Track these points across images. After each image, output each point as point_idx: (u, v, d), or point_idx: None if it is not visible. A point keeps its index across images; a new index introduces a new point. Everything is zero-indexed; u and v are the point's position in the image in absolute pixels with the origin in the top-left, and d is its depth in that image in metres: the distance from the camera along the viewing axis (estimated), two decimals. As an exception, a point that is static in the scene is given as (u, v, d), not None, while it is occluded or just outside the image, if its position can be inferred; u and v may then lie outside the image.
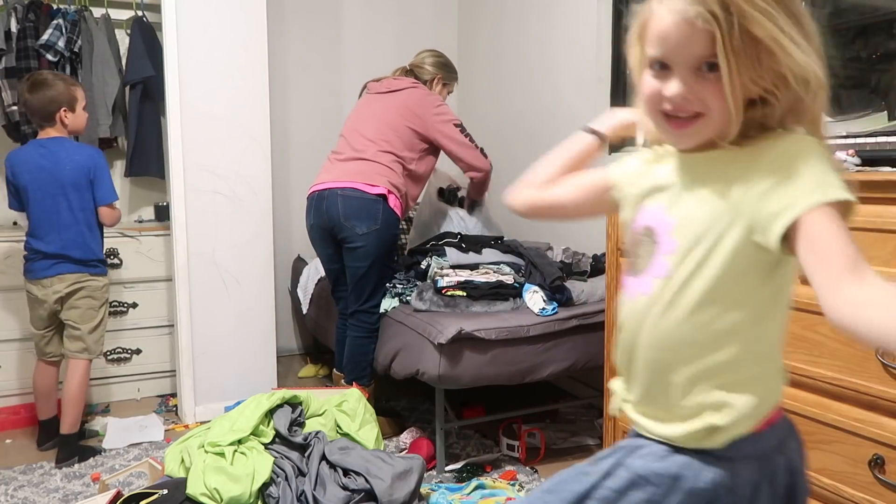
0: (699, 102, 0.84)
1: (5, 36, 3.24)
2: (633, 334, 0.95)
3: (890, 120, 1.67)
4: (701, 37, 0.80)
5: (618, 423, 1.99)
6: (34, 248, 2.72)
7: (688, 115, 0.85)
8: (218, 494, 1.89)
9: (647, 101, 0.88)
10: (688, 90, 0.83)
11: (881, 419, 1.32)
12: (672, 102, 0.85)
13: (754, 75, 0.82)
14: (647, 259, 0.92)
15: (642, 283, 0.93)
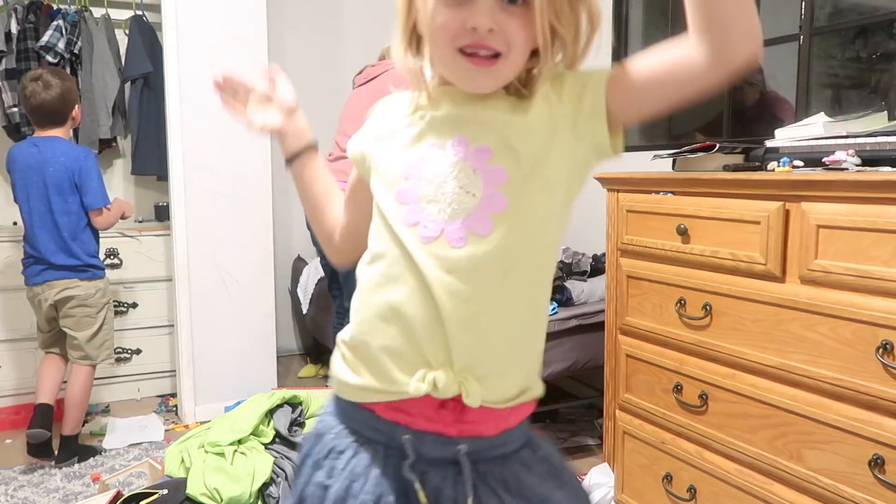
0: (503, 39, 0.75)
1: (5, 37, 3.24)
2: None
3: (890, 120, 1.67)
4: None
5: (617, 423, 2.00)
6: (26, 252, 2.68)
7: (489, 54, 0.76)
8: (218, 494, 1.89)
9: (442, 35, 0.76)
10: (494, 21, 0.74)
11: (881, 419, 1.32)
12: (476, 35, 0.74)
13: (560, 13, 0.74)
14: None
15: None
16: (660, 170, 2.00)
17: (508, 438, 0.84)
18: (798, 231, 1.45)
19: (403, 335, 0.79)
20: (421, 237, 0.79)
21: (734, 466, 1.63)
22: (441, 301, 0.77)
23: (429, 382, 0.78)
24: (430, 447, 0.81)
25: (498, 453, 0.83)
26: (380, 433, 0.83)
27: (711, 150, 1.86)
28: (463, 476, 0.79)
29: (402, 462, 0.80)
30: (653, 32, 2.96)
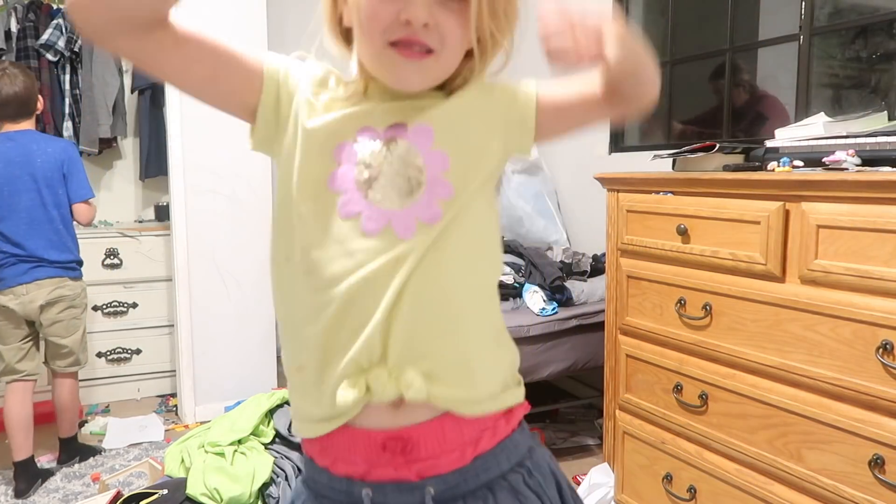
0: (437, 36, 0.70)
1: (5, 36, 3.24)
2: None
3: (890, 120, 1.67)
4: None
5: (617, 423, 2.00)
6: (7, 252, 2.43)
7: (421, 50, 0.70)
8: (218, 494, 1.89)
9: (372, 26, 0.70)
10: (430, 16, 0.69)
11: (881, 419, 1.32)
12: (410, 29, 0.69)
13: (496, 16, 0.72)
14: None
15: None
16: (660, 170, 2.00)
17: (487, 464, 0.74)
18: (798, 231, 1.45)
19: (334, 339, 0.71)
20: (364, 229, 0.71)
21: (734, 466, 1.63)
22: (386, 297, 0.69)
23: (361, 387, 0.70)
24: (393, 497, 0.72)
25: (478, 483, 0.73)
26: (339, 492, 0.74)
27: (711, 150, 1.86)
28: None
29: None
30: (653, 32, 2.96)
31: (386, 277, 0.70)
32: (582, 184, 3.07)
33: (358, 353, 0.70)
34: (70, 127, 3.36)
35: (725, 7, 2.52)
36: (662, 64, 2.88)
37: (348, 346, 0.71)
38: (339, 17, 0.75)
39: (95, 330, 3.29)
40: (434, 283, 0.72)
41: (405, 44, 0.70)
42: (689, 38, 2.79)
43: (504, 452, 0.75)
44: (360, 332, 0.70)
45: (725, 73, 2.57)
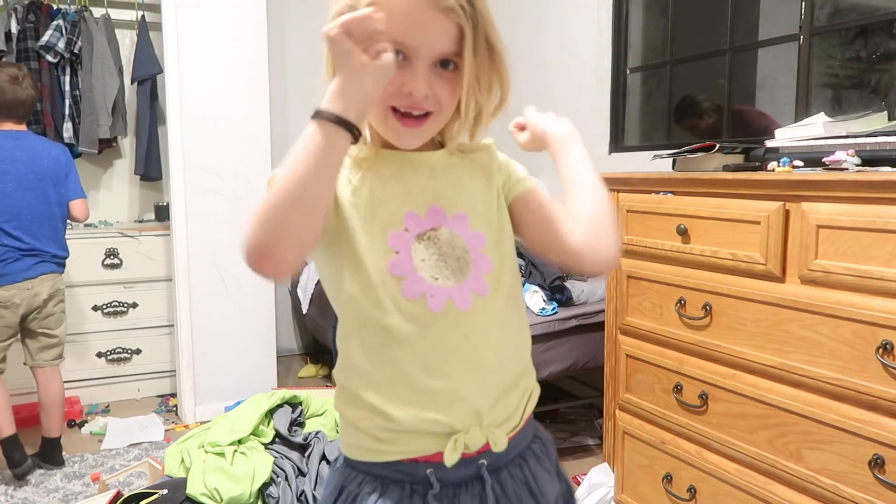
0: (435, 101, 0.79)
1: (5, 37, 3.24)
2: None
3: (890, 120, 1.67)
4: (449, 30, 0.76)
5: (617, 423, 2.00)
6: (10, 246, 2.50)
7: (419, 113, 0.80)
8: (218, 494, 1.89)
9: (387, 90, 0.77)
10: (429, 87, 0.78)
11: (881, 419, 1.32)
12: (411, 99, 0.78)
13: (483, 79, 0.80)
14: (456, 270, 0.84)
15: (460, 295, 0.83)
16: (660, 170, 2.00)
17: (520, 438, 0.89)
18: (798, 231, 1.45)
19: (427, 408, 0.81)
20: (431, 307, 0.81)
21: (734, 466, 1.63)
22: (459, 365, 0.81)
23: (459, 448, 0.82)
24: (452, 472, 0.83)
25: (514, 454, 0.88)
26: (403, 474, 0.84)
27: (711, 150, 1.86)
28: (486, 492, 0.83)
29: (429, 492, 0.83)
30: (653, 32, 2.96)
31: (457, 347, 0.81)
32: (582, 184, 3.06)
33: (453, 417, 0.82)
34: (70, 128, 3.36)
35: (725, 7, 2.52)
36: (662, 64, 2.88)
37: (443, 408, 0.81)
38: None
39: (95, 330, 3.29)
40: (495, 343, 0.84)
41: (407, 109, 0.79)
42: (689, 38, 2.79)
43: (528, 428, 0.92)
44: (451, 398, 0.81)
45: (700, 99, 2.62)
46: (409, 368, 0.81)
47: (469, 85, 0.79)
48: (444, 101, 0.80)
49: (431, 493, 0.82)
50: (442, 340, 0.81)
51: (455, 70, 0.79)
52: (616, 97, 3.04)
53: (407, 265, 0.81)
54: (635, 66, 3.01)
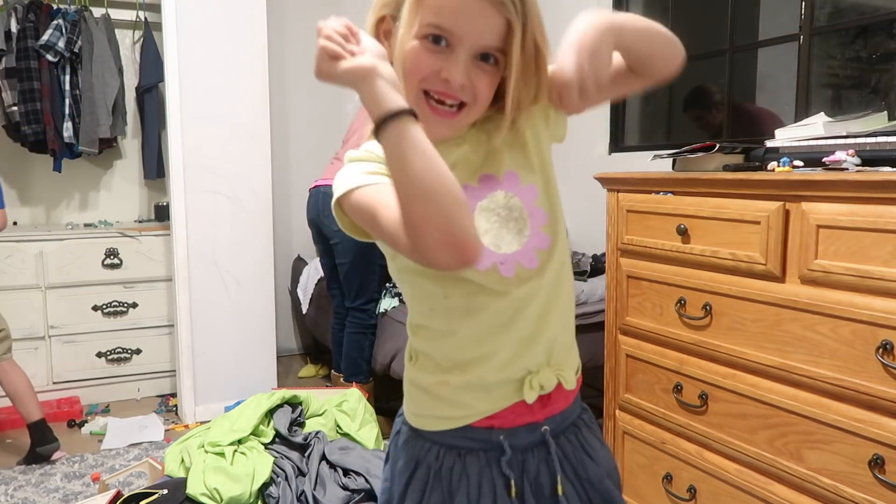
0: (471, 93, 0.79)
1: (5, 36, 3.24)
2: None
3: (890, 120, 1.67)
4: (496, 24, 0.76)
5: (617, 423, 2.00)
6: None
7: (453, 104, 0.79)
8: (218, 494, 1.89)
9: (413, 73, 0.79)
10: (467, 77, 0.78)
11: (881, 419, 1.32)
12: (447, 86, 0.78)
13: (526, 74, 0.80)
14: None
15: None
16: (660, 170, 2.00)
17: (574, 407, 0.96)
18: (798, 231, 1.45)
19: (506, 356, 0.87)
20: (502, 274, 0.84)
21: (734, 466, 1.63)
22: (530, 314, 0.86)
23: (536, 387, 0.87)
24: (521, 437, 0.89)
25: (570, 422, 0.94)
26: (477, 441, 0.89)
27: (711, 150, 1.86)
28: (551, 455, 0.90)
29: (501, 458, 0.88)
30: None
31: (532, 304, 0.86)
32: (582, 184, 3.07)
33: (529, 361, 0.88)
34: (70, 127, 3.35)
35: (725, 7, 2.52)
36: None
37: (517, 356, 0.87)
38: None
39: (95, 330, 3.29)
40: (558, 296, 0.89)
41: (439, 98, 0.79)
42: (689, 38, 2.79)
43: (577, 399, 0.97)
44: (527, 346, 0.87)
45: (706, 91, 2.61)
46: (487, 329, 0.86)
47: (515, 82, 0.79)
48: (480, 93, 0.80)
49: (504, 459, 0.87)
50: (520, 301, 0.85)
51: (495, 65, 0.79)
52: (616, 97, 3.03)
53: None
54: (635, 66, 3.00)
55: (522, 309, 0.86)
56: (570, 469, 0.92)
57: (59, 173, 3.50)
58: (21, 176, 3.59)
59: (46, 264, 3.17)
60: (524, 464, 0.89)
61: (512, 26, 0.76)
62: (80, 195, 3.72)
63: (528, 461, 0.90)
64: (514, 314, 0.86)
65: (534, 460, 0.90)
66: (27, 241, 3.14)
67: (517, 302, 0.86)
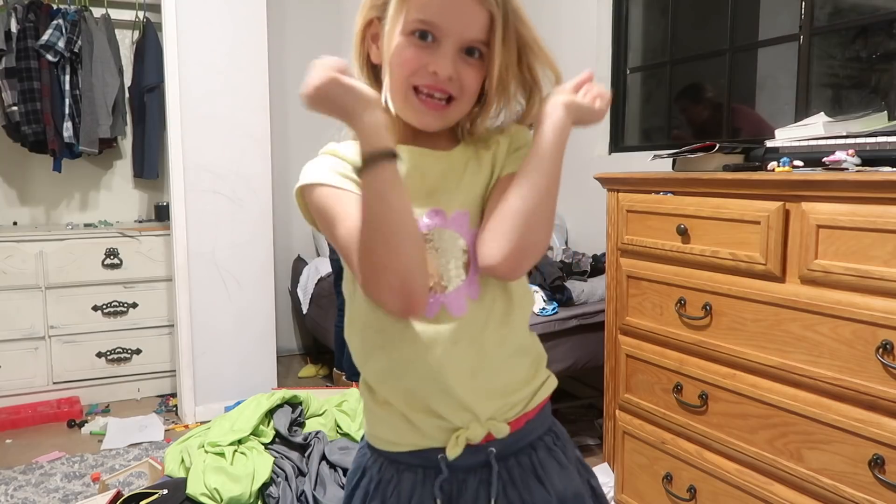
0: (458, 86, 0.81)
1: (5, 36, 3.24)
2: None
3: (890, 120, 1.67)
4: (480, 18, 0.79)
5: (617, 423, 2.00)
6: None
7: (442, 97, 0.81)
8: (218, 494, 1.89)
9: (401, 69, 0.80)
10: (455, 70, 0.80)
11: (881, 419, 1.32)
12: (436, 80, 0.79)
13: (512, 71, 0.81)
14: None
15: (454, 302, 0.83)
16: (660, 170, 2.00)
17: (531, 427, 0.90)
18: (798, 231, 1.45)
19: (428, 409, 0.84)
20: (425, 314, 0.81)
21: (734, 466, 1.63)
22: (451, 369, 0.81)
23: (461, 444, 0.84)
24: (464, 458, 0.86)
25: (526, 443, 0.89)
26: (417, 458, 0.87)
27: (711, 150, 1.86)
28: (492, 477, 0.86)
29: (437, 477, 0.86)
30: (653, 32, 2.96)
31: (447, 353, 0.81)
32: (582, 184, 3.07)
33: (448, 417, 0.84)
34: (70, 127, 3.35)
35: (725, 7, 2.52)
36: (662, 64, 2.88)
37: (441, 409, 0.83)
38: (367, 54, 0.85)
39: (95, 330, 3.29)
40: (493, 343, 0.84)
41: (428, 92, 0.80)
42: (689, 38, 2.79)
43: (539, 419, 0.91)
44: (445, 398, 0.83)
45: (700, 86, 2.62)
46: (409, 372, 0.83)
47: (498, 75, 0.80)
48: (468, 86, 0.81)
49: (439, 480, 0.85)
50: (436, 347, 0.81)
51: (480, 59, 0.81)
52: (616, 97, 3.04)
53: None
54: (635, 66, 3.01)
55: (441, 361, 0.81)
56: (516, 494, 0.87)
57: (59, 173, 3.50)
58: (21, 176, 3.59)
59: (46, 264, 3.17)
60: (465, 484, 0.86)
61: (494, 18, 0.78)
62: (80, 195, 3.72)
63: (469, 482, 0.86)
64: (431, 363, 0.81)
65: (474, 482, 0.86)
66: (27, 241, 3.14)
67: (436, 351, 0.81)
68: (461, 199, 0.84)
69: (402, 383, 0.85)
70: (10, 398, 3.11)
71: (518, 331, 0.88)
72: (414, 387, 0.84)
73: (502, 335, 0.85)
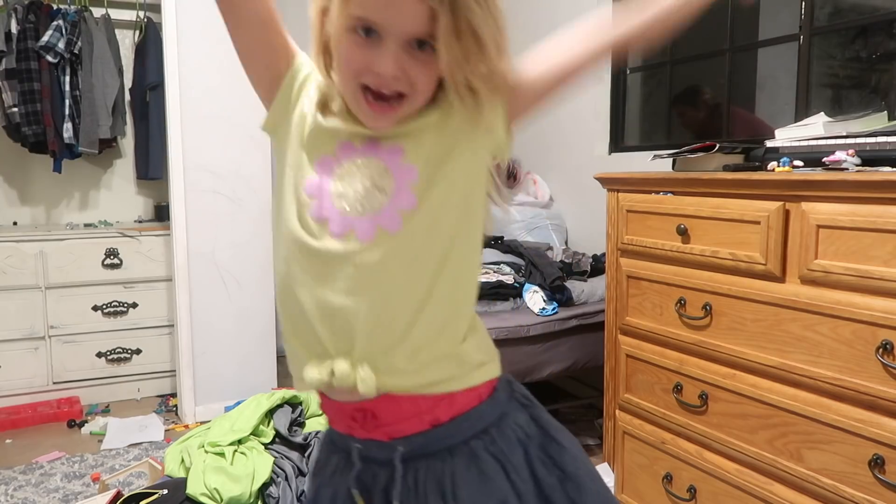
0: (407, 82, 0.76)
1: (5, 37, 3.24)
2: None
3: (890, 120, 1.67)
4: (420, 11, 0.73)
5: (617, 423, 2.00)
6: None
7: (391, 95, 0.77)
8: (218, 494, 1.89)
9: (348, 69, 0.77)
10: (399, 68, 0.75)
11: (881, 419, 1.32)
12: (380, 79, 0.76)
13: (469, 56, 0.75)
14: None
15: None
16: (660, 170, 2.00)
17: (448, 431, 0.82)
18: (798, 231, 1.45)
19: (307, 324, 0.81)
20: (330, 232, 0.79)
21: (734, 466, 1.63)
22: (346, 293, 0.78)
23: (325, 371, 0.79)
24: (376, 452, 0.83)
25: (441, 446, 0.82)
26: (343, 442, 0.87)
27: (711, 150, 1.86)
28: (394, 479, 0.82)
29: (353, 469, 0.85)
30: (653, 32, 2.96)
31: (348, 275, 0.78)
32: (582, 184, 3.07)
33: (327, 339, 0.80)
34: (70, 128, 3.35)
35: (725, 7, 2.52)
36: (662, 64, 2.88)
37: (319, 329, 0.80)
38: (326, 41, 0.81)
39: (95, 330, 3.29)
40: (391, 286, 0.78)
41: (375, 93, 0.76)
42: (689, 38, 2.79)
43: (467, 421, 0.83)
44: (330, 320, 0.79)
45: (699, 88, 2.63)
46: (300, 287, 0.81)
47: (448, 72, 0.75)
48: (418, 82, 0.76)
49: (354, 472, 0.84)
50: (336, 265, 0.78)
51: (432, 52, 0.75)
52: (616, 97, 3.04)
53: (323, 188, 0.81)
54: (635, 66, 3.01)
55: (339, 278, 0.78)
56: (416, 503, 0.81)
57: (59, 174, 3.50)
58: (21, 176, 3.59)
59: (46, 264, 3.16)
60: (376, 479, 0.83)
61: (435, 12, 0.73)
62: (80, 195, 3.72)
63: (379, 478, 0.83)
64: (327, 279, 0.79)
65: (382, 480, 0.83)
66: (27, 241, 3.14)
67: (334, 269, 0.79)
68: (404, 135, 0.80)
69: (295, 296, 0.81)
70: (10, 398, 3.11)
71: (444, 295, 0.80)
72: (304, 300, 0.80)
73: (415, 285, 0.79)
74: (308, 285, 0.80)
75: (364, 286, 0.78)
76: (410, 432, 0.81)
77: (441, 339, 0.81)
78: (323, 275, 0.79)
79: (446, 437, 0.82)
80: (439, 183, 0.79)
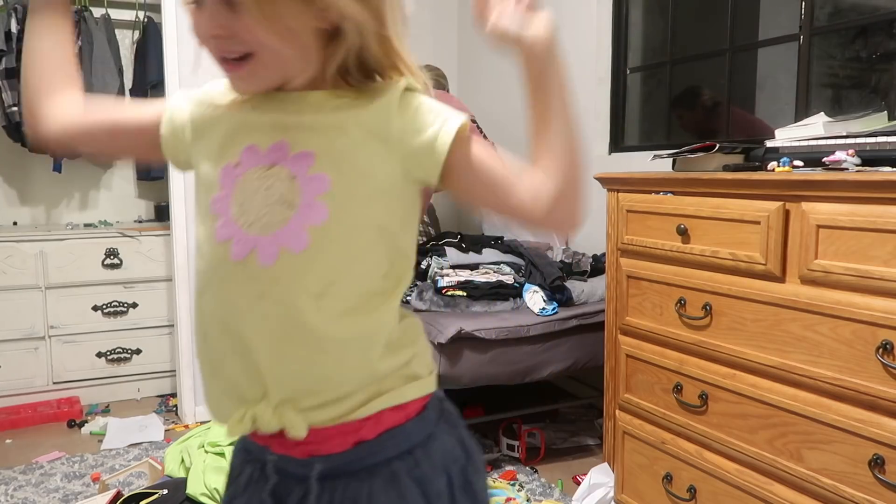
0: (237, 41, 0.69)
1: (5, 37, 3.24)
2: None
3: (890, 120, 1.67)
4: None
5: (617, 423, 2.00)
6: None
7: (237, 56, 0.70)
8: (218, 494, 1.89)
9: (196, 39, 0.73)
10: (217, 26, 0.69)
11: (881, 419, 1.32)
12: (211, 43, 0.71)
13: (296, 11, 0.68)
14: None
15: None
16: (660, 170, 2.00)
17: (370, 450, 0.76)
18: (798, 231, 1.45)
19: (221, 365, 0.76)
20: (232, 255, 0.72)
21: (734, 466, 1.63)
22: (252, 328, 0.72)
23: (248, 421, 0.74)
24: (291, 467, 0.78)
25: (361, 466, 0.76)
26: (258, 453, 0.82)
27: (711, 150, 1.86)
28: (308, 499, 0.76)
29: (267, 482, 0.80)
30: (652, 32, 2.96)
31: (250, 305, 0.72)
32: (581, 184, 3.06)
33: (240, 384, 0.75)
34: (70, 127, 3.36)
35: (725, 7, 2.52)
36: (662, 64, 2.88)
37: (232, 371, 0.75)
38: None
39: (95, 330, 3.29)
40: (296, 314, 0.71)
41: (218, 53, 0.72)
42: (689, 38, 2.79)
43: (392, 440, 0.77)
44: (241, 359, 0.74)
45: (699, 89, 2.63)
46: (209, 322, 0.76)
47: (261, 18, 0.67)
48: (249, 36, 0.68)
49: (268, 485, 0.79)
50: (238, 295, 0.72)
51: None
52: (616, 97, 3.04)
53: (225, 204, 0.74)
54: (635, 66, 3.01)
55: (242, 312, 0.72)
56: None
57: (59, 174, 3.50)
58: (21, 176, 3.59)
59: (46, 264, 3.17)
60: (292, 494, 0.78)
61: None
62: (80, 195, 3.72)
63: (294, 494, 0.77)
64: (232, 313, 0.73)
65: (296, 496, 0.77)
66: (27, 241, 3.14)
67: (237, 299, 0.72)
68: (316, 140, 0.72)
69: (206, 332, 0.77)
70: (10, 398, 3.11)
71: (361, 311, 0.73)
72: (214, 338, 0.75)
73: (329, 307, 0.71)
74: (218, 318, 0.74)
75: (267, 317, 0.71)
76: (330, 452, 0.76)
77: (364, 363, 0.74)
78: (231, 306, 0.72)
79: (368, 456, 0.76)
80: (355, 195, 0.71)
